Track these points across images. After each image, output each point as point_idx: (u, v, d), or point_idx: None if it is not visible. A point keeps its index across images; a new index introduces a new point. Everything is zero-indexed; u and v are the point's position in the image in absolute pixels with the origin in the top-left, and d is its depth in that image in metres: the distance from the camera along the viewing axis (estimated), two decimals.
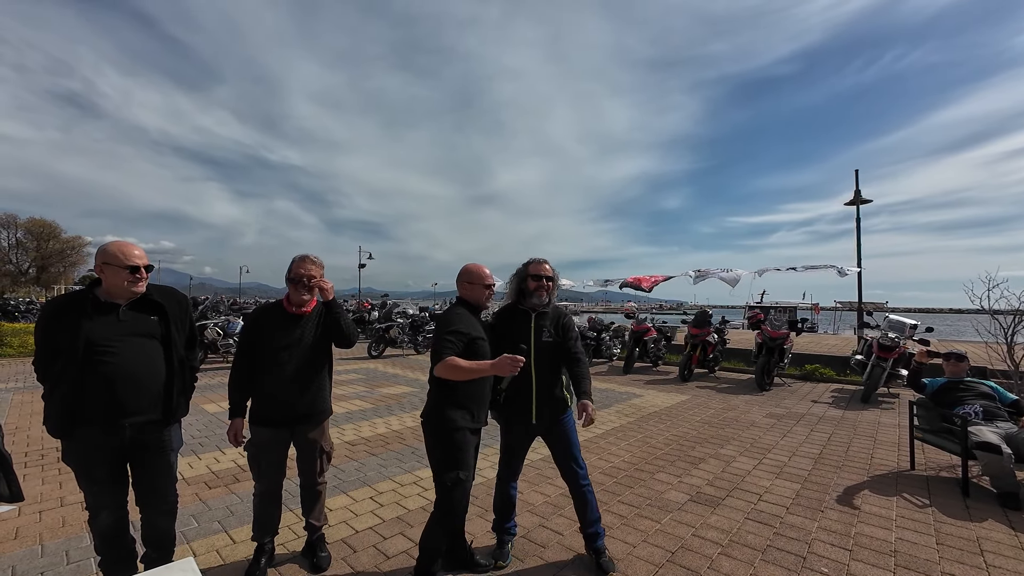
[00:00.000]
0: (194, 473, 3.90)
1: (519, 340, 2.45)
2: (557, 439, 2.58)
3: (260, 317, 2.47)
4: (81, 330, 1.90)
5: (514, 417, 2.58)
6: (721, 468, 4.14)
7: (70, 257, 49.99)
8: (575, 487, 2.58)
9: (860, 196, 11.30)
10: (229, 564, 2.57)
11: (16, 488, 1.37)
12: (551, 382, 2.53)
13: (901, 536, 2.95)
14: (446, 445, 2.22)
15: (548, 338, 2.50)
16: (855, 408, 6.59)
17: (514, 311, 2.60)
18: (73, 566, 2.54)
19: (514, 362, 2.08)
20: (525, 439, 2.63)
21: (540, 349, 2.49)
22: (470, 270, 2.46)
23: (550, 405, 2.53)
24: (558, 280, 2.62)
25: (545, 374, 2.51)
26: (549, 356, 2.52)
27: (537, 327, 2.51)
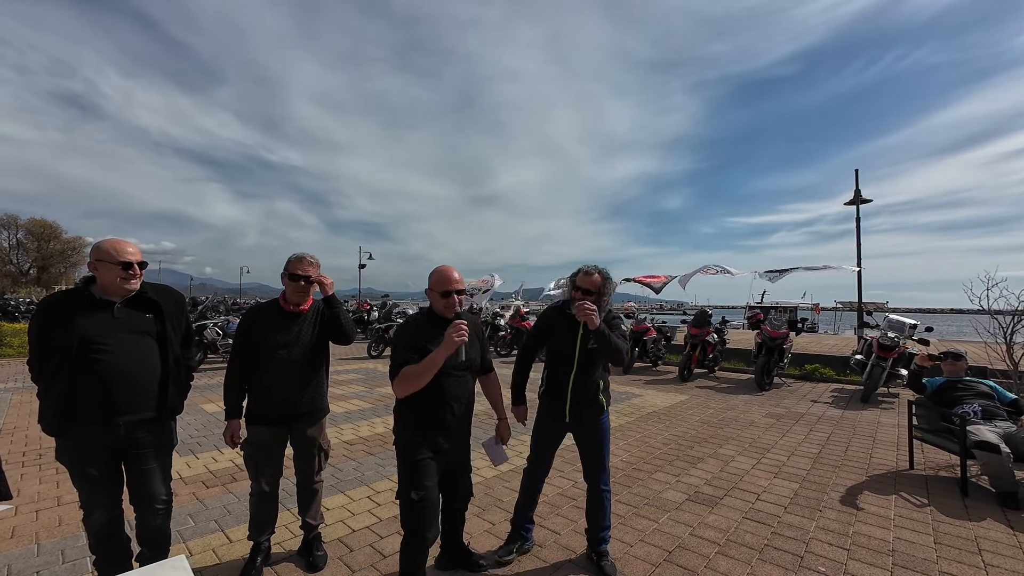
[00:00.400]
0: (192, 472, 3.90)
1: (563, 343, 2.50)
2: (587, 439, 2.58)
3: (257, 316, 2.46)
4: (75, 327, 1.90)
5: (548, 410, 2.61)
6: (720, 468, 4.13)
7: (71, 258, 50.04)
8: (594, 490, 2.58)
9: (860, 196, 11.29)
10: (225, 563, 2.57)
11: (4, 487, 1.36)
12: (589, 387, 2.52)
13: (899, 535, 2.94)
14: (401, 463, 2.13)
15: (594, 346, 2.45)
16: (855, 408, 6.58)
17: (564, 312, 2.56)
18: (69, 565, 2.54)
19: (457, 331, 1.99)
20: (555, 432, 2.64)
21: (584, 356, 2.49)
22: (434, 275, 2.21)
23: (584, 407, 2.53)
24: (611, 289, 2.54)
25: (583, 379, 2.50)
26: (591, 363, 2.51)
27: (585, 335, 2.47)
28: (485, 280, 16.19)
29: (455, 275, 2.17)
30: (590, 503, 2.61)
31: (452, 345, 2.00)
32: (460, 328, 2.00)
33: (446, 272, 2.17)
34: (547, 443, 2.67)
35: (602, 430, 2.57)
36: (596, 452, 2.57)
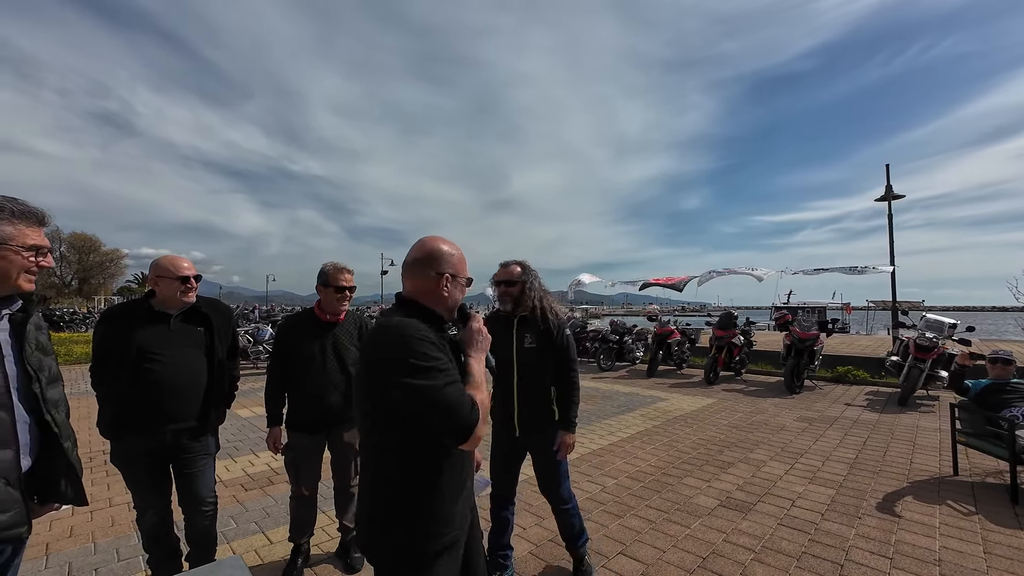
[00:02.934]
0: (231, 476, 4.05)
1: (501, 347, 2.31)
2: (538, 453, 2.41)
3: (294, 326, 2.56)
4: (134, 337, 2.03)
5: (498, 427, 2.46)
6: (751, 473, 4.05)
7: (109, 269, 52.36)
8: (554, 508, 2.45)
9: (891, 191, 10.92)
10: (268, 564, 2.66)
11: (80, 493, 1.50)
12: (535, 392, 2.35)
13: (945, 544, 2.83)
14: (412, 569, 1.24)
15: (530, 344, 2.33)
16: (892, 411, 6.35)
17: (498, 315, 2.48)
18: (124, 563, 2.67)
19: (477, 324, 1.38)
20: (511, 451, 2.46)
21: (522, 356, 2.34)
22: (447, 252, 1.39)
23: (534, 418, 2.36)
24: (532, 282, 2.36)
25: (527, 383, 2.34)
26: (532, 364, 2.34)
27: (519, 333, 2.36)
28: None
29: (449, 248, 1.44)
30: (560, 523, 2.47)
31: (485, 344, 1.38)
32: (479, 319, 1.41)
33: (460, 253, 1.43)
34: (504, 463, 2.48)
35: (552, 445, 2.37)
36: (549, 467, 2.38)
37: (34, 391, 1.33)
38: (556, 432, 2.37)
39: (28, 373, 1.32)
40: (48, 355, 1.44)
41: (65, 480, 1.44)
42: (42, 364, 1.39)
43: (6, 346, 1.29)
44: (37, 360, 1.36)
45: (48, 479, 1.39)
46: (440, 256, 1.35)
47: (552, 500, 2.43)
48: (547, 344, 2.33)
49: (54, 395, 1.41)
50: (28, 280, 1.30)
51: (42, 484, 1.42)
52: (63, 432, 1.42)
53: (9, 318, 1.32)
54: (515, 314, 2.37)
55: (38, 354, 1.38)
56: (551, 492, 2.41)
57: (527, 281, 2.37)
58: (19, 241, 1.24)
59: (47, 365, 1.41)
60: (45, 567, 2.63)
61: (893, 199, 10.97)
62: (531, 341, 2.34)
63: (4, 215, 1.23)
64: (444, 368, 1.17)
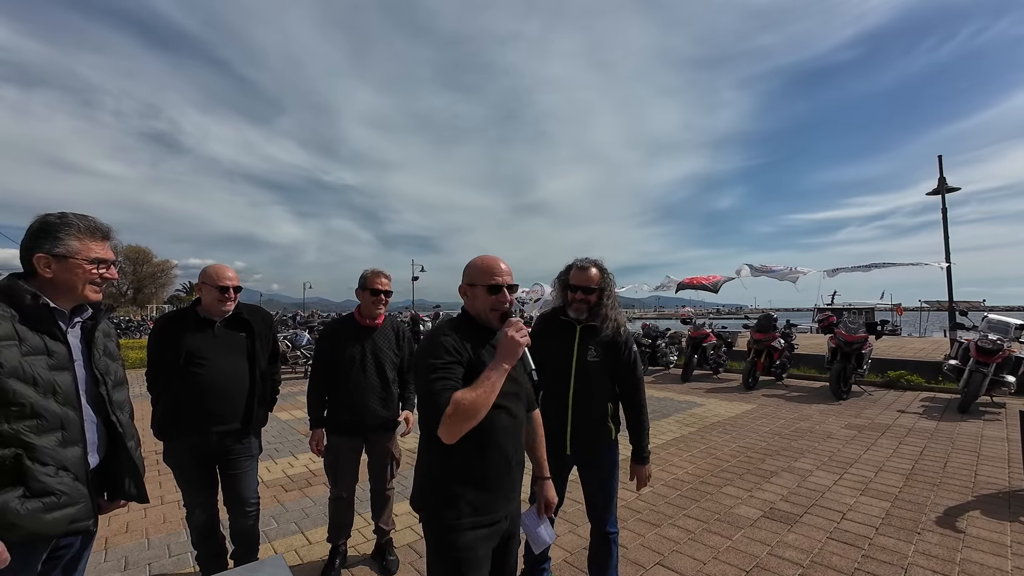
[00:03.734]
0: (271, 477, 4.19)
1: (557, 355, 2.13)
2: (591, 472, 2.18)
3: (336, 330, 2.62)
4: (183, 343, 2.14)
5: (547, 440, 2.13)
6: (796, 483, 3.86)
7: (160, 279, 55.66)
8: (598, 533, 2.20)
9: (945, 184, 10.25)
10: (307, 563, 2.73)
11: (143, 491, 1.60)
12: (592, 409, 2.12)
13: (1019, 565, 2.60)
14: (435, 555, 1.43)
15: (594, 357, 2.10)
16: (951, 419, 5.92)
17: (557, 319, 2.22)
18: (175, 559, 2.80)
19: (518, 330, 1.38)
20: (558, 465, 2.15)
21: (582, 369, 2.11)
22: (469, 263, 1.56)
23: (587, 435, 2.13)
24: (611, 289, 2.14)
25: (584, 398, 2.11)
26: (592, 379, 2.12)
27: (582, 343, 2.12)
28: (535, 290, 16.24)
29: (503, 264, 1.52)
30: (593, 549, 2.23)
31: (516, 351, 1.37)
32: (520, 326, 1.40)
33: (493, 261, 1.52)
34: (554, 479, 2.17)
35: (611, 462, 2.17)
36: (601, 488, 2.16)
37: (101, 393, 1.42)
38: (612, 452, 2.17)
39: (96, 376, 1.42)
40: (115, 360, 1.53)
41: (129, 478, 1.53)
42: (109, 368, 1.48)
43: (76, 351, 1.38)
44: (104, 364, 1.46)
45: (114, 477, 1.49)
46: (465, 270, 1.55)
47: (597, 524, 2.19)
48: (613, 359, 2.11)
49: (119, 397, 1.50)
50: (94, 291, 1.38)
51: (109, 481, 1.52)
52: (127, 432, 1.50)
53: (80, 325, 1.42)
54: (581, 320, 2.14)
55: (105, 359, 1.47)
56: (598, 516, 2.18)
57: (606, 288, 2.12)
58: (84, 255, 1.33)
59: (114, 370, 1.50)
60: (104, 560, 2.79)
61: (947, 192, 10.30)
62: (595, 354, 2.10)
63: (72, 231, 1.33)
64: (443, 367, 1.35)
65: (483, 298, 1.49)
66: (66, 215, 1.35)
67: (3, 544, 1.19)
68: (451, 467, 1.41)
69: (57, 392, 1.28)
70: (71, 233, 1.32)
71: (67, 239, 1.31)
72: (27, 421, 1.21)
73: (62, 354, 1.32)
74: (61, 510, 1.28)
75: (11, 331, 1.22)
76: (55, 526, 1.28)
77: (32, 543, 1.27)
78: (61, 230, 1.31)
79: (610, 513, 2.18)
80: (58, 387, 1.28)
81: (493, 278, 1.48)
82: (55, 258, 1.30)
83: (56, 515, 1.27)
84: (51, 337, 1.30)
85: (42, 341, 1.28)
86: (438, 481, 1.43)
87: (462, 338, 1.43)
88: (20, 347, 1.23)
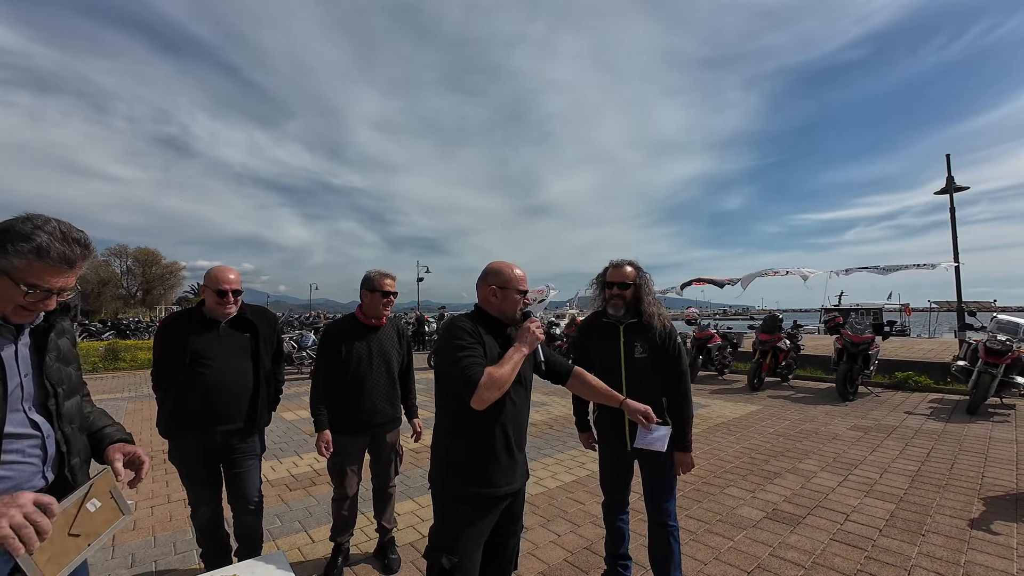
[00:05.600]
0: (276, 476, 4.23)
1: (606, 354, 2.22)
2: (649, 465, 2.22)
3: (339, 332, 2.62)
4: (189, 343, 2.17)
5: (606, 440, 2.32)
6: (800, 484, 3.84)
7: (169, 280, 56.21)
8: (657, 526, 2.22)
9: (953, 183, 10.15)
10: (310, 561, 2.76)
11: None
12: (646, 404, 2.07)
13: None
14: (439, 516, 1.67)
15: (641, 354, 2.16)
16: (959, 420, 5.86)
17: (600, 321, 2.30)
18: (180, 556, 2.84)
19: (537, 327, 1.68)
20: (619, 466, 2.32)
21: (631, 367, 2.18)
22: (499, 270, 1.79)
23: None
24: (648, 284, 2.23)
25: (637, 395, 2.11)
26: (643, 375, 2.18)
27: (627, 341, 2.19)
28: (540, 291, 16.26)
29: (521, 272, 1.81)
30: (653, 543, 2.25)
31: (535, 342, 1.67)
32: (539, 324, 1.73)
33: (521, 270, 1.80)
34: (618, 473, 2.34)
35: (669, 456, 2.19)
36: (661, 477, 2.21)
37: (49, 407, 1.25)
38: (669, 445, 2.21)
39: (46, 388, 1.25)
40: (69, 364, 1.35)
41: None
42: (61, 375, 1.30)
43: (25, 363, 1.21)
44: (57, 372, 1.28)
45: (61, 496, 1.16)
46: (491, 272, 1.79)
47: (654, 515, 2.23)
48: (659, 354, 2.17)
49: (70, 407, 1.31)
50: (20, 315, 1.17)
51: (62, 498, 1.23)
52: (72, 448, 1.30)
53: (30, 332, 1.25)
54: (623, 320, 2.21)
55: (59, 364, 1.29)
56: (657, 506, 2.22)
57: (642, 284, 2.20)
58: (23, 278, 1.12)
59: (67, 376, 1.32)
60: (111, 557, 2.83)
61: (955, 191, 10.19)
62: (642, 350, 2.16)
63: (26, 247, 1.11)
64: (469, 347, 1.59)
65: (513, 299, 1.75)
66: (39, 229, 1.12)
67: None
68: (460, 444, 1.64)
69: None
70: (22, 251, 1.10)
71: (13, 255, 1.10)
72: None
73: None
74: None
75: None
76: None
77: None
78: (16, 241, 1.10)
79: (670, 503, 2.21)
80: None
81: (523, 284, 1.79)
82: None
83: None
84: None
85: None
86: (449, 456, 1.66)
87: (481, 328, 1.68)
88: None
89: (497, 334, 1.73)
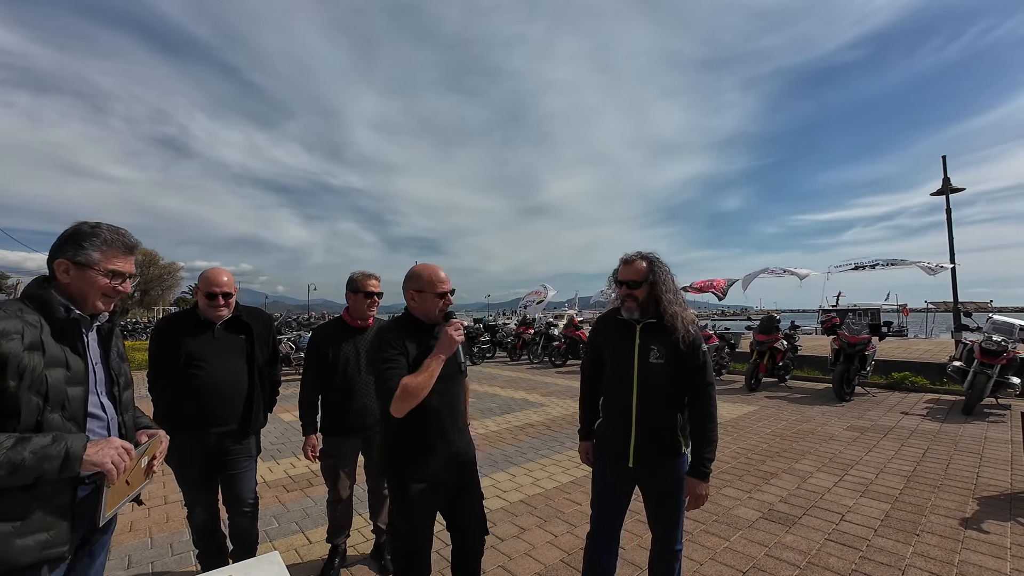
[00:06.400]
0: (273, 477, 4.23)
1: (619, 357, 1.96)
2: (657, 492, 1.95)
3: (326, 335, 2.61)
4: (183, 345, 2.17)
5: (605, 450, 2.04)
6: (796, 484, 3.85)
7: (166, 281, 56.06)
8: (661, 550, 1.99)
9: (949, 184, 10.19)
10: (306, 562, 2.76)
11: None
12: (658, 418, 1.90)
13: (1018, 567, 2.59)
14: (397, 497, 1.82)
15: (657, 359, 1.87)
16: (955, 421, 5.89)
17: (614, 318, 2.02)
18: (176, 557, 2.84)
19: (456, 329, 1.77)
20: (619, 485, 2.01)
21: (645, 373, 1.89)
22: (418, 274, 1.87)
23: (655, 447, 1.90)
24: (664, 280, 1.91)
25: (649, 406, 1.90)
26: (659, 384, 1.89)
27: (643, 344, 1.91)
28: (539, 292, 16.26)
29: (444, 274, 1.89)
30: (654, 564, 2.02)
31: (452, 345, 1.75)
32: (458, 326, 1.80)
33: (436, 272, 1.87)
34: (609, 500, 2.01)
35: (679, 476, 1.92)
36: (664, 502, 1.94)
37: (114, 394, 1.46)
38: (679, 467, 1.93)
39: (112, 378, 1.45)
40: (125, 362, 1.56)
41: None
42: (121, 369, 1.51)
43: (95, 355, 1.41)
44: (117, 366, 1.49)
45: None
46: (411, 277, 1.88)
47: (660, 539, 1.98)
48: (679, 360, 1.87)
49: (127, 399, 1.53)
50: (104, 302, 1.39)
51: None
52: (130, 434, 1.51)
53: (97, 329, 1.45)
54: (639, 320, 1.94)
55: (117, 360, 1.50)
56: (664, 533, 1.97)
57: (657, 281, 1.91)
58: (102, 266, 1.35)
59: (124, 371, 1.53)
60: (108, 558, 2.82)
61: (952, 192, 10.24)
62: (659, 355, 1.87)
63: (97, 242, 1.35)
64: (389, 358, 1.72)
65: (432, 302, 1.85)
66: (99, 225, 1.38)
67: None
68: (401, 436, 1.80)
69: (65, 407, 1.26)
70: (95, 244, 1.34)
71: (90, 249, 1.33)
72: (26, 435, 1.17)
73: (79, 368, 1.32)
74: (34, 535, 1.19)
75: (38, 341, 1.23)
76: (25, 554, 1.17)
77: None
78: (87, 239, 1.34)
79: (677, 531, 1.95)
80: (68, 402, 1.27)
81: (442, 286, 1.86)
82: (75, 265, 1.33)
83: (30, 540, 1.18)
84: (72, 351, 1.31)
85: (63, 354, 1.28)
86: (393, 447, 1.83)
87: (404, 335, 1.80)
88: (44, 358, 1.23)
89: (424, 336, 1.84)
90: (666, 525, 1.95)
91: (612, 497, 2.01)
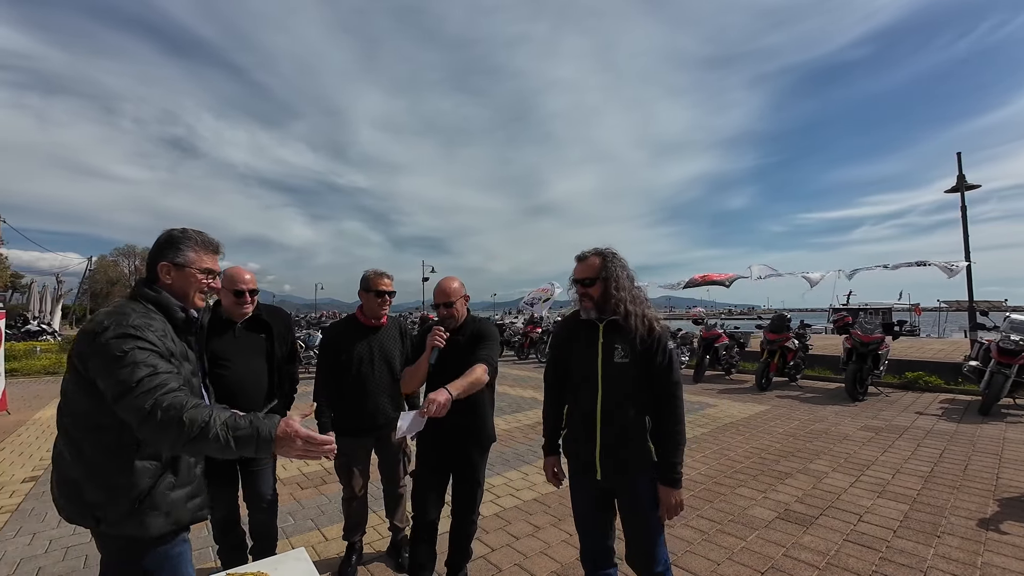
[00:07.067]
0: (288, 475, 4.26)
1: (582, 359, 1.87)
2: (629, 505, 1.81)
3: (339, 333, 2.62)
4: (208, 345, 2.18)
5: (574, 469, 1.92)
6: (811, 484, 3.82)
7: None
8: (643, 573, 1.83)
9: (964, 181, 10.04)
10: (324, 560, 2.78)
11: None
12: (624, 423, 1.78)
13: None
14: None
15: (622, 359, 1.78)
16: (972, 421, 5.81)
17: (577, 321, 1.95)
18: (197, 553, 2.86)
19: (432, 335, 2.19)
20: (591, 500, 1.89)
21: (610, 372, 1.80)
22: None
23: (621, 456, 1.78)
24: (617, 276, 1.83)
25: (615, 410, 1.79)
26: (623, 385, 1.79)
27: (606, 343, 1.81)
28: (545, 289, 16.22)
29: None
30: None
31: (429, 348, 2.18)
32: (437, 332, 2.18)
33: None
34: (590, 526, 1.90)
35: (652, 492, 1.78)
36: (641, 525, 1.78)
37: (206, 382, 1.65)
38: (651, 477, 1.79)
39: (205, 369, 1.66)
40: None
41: None
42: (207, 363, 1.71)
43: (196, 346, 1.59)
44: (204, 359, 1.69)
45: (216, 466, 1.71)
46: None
47: (639, 566, 1.81)
48: (643, 359, 1.78)
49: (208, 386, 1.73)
50: (201, 298, 1.54)
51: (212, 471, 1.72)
52: None
53: None
54: (601, 319, 1.85)
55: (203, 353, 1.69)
56: (640, 555, 1.80)
57: (608, 276, 1.82)
58: (198, 265, 1.49)
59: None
60: None
61: (967, 189, 10.08)
62: (623, 354, 1.78)
63: (190, 243, 1.49)
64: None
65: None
66: (187, 231, 1.52)
67: None
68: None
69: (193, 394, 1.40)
70: (189, 245, 1.48)
71: (186, 250, 1.47)
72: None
73: (194, 360, 1.52)
74: (195, 499, 1.44)
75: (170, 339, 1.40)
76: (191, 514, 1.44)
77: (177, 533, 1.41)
78: (183, 242, 1.48)
79: (657, 549, 1.78)
80: (193, 390, 1.45)
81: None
82: (175, 267, 1.46)
83: (193, 503, 1.44)
84: (189, 346, 1.50)
85: (185, 350, 1.47)
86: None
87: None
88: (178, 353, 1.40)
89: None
90: (645, 553, 1.79)
91: (592, 523, 1.91)
